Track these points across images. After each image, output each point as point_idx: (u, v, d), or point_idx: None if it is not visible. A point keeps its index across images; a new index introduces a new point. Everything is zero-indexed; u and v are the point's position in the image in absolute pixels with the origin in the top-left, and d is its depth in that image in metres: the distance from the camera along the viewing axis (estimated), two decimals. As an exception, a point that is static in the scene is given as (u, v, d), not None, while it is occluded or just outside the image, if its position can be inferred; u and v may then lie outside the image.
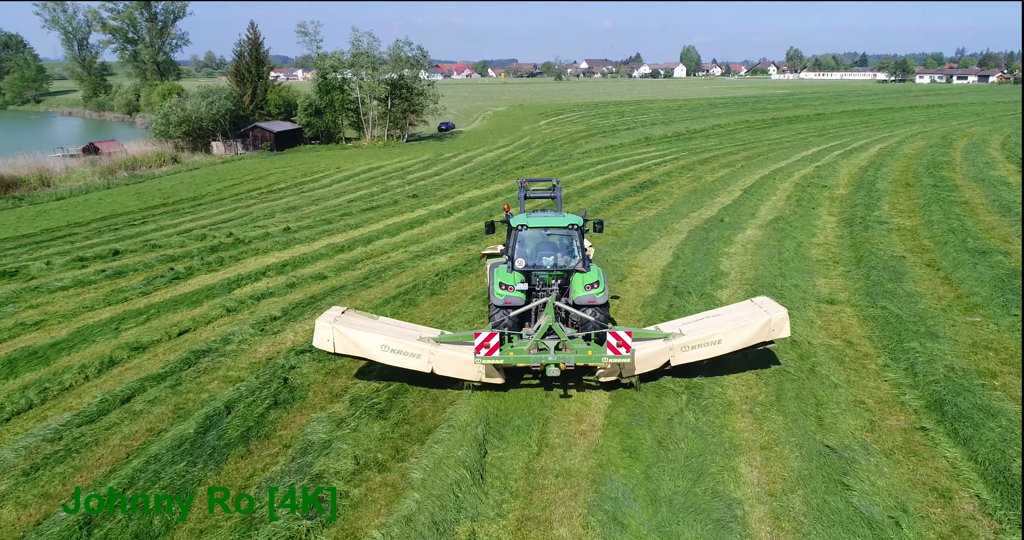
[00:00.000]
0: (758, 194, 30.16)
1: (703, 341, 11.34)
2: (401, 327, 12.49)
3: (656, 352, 11.40)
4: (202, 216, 41.30)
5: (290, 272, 21.62)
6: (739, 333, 11.32)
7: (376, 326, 12.00)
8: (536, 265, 12.51)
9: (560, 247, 12.72)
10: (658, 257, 19.83)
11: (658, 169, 43.11)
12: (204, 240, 27.72)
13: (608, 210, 30.10)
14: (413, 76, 79.70)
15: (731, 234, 22.48)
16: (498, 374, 11.46)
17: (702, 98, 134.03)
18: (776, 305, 11.86)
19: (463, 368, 11.39)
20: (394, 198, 39.79)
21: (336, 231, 28.85)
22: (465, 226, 28.84)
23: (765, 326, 11.31)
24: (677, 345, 11.38)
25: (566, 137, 79.48)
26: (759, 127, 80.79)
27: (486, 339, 10.73)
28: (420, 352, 11.35)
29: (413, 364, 11.36)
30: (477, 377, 11.46)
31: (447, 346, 11.58)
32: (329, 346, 11.38)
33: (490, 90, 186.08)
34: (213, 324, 16.15)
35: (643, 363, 11.39)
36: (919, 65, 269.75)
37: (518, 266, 12.36)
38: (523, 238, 12.66)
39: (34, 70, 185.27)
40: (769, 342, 11.58)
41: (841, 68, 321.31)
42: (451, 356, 11.36)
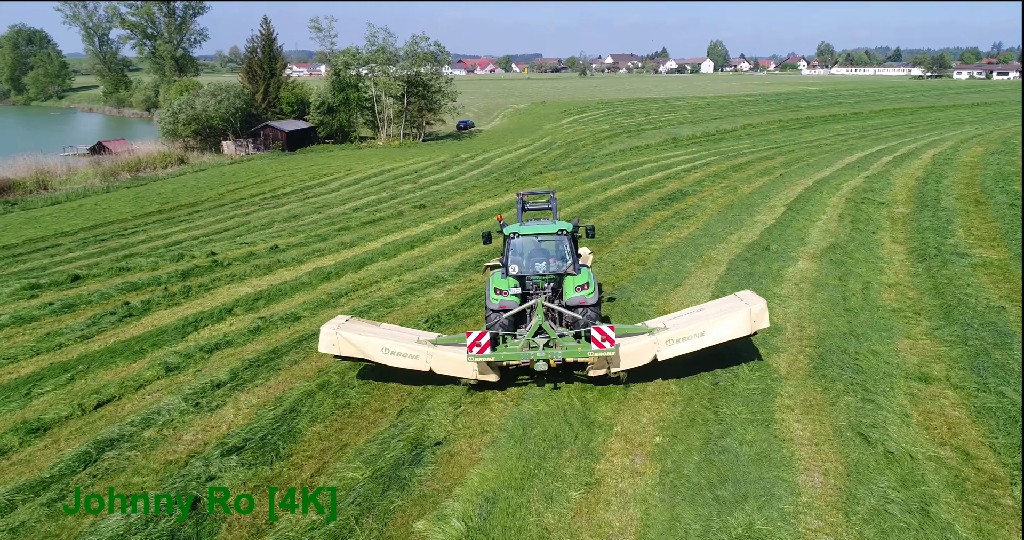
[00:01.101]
0: (805, 212, 26.54)
1: (687, 335, 11.55)
2: (401, 332, 13.10)
3: (642, 347, 11.67)
4: (196, 225, 38.57)
5: (261, 308, 18.56)
6: (721, 325, 11.52)
7: (377, 331, 12.64)
8: (529, 270, 13.06)
9: (551, 252, 13.22)
10: (696, 300, 16.42)
11: (688, 177, 39.52)
12: (180, 261, 24.79)
13: (634, 228, 26.69)
14: (430, 73, 76.52)
15: (780, 267, 18.97)
16: (492, 372, 11.97)
17: (731, 95, 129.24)
18: (756, 297, 12.15)
19: (459, 367, 11.91)
20: (399, 209, 36.68)
21: (328, 251, 25.78)
22: (471, 246, 25.62)
23: (746, 318, 11.49)
24: (662, 339, 11.62)
25: (589, 137, 75.85)
26: (793, 127, 76.50)
27: (477, 338, 11.23)
28: (418, 353, 11.97)
29: (412, 364, 12.00)
30: (472, 375, 11.95)
31: (444, 347, 12.10)
32: (335, 350, 12.07)
33: (512, 86, 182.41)
34: (144, 390, 13.09)
35: (629, 358, 11.72)
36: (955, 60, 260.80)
37: (512, 272, 12.94)
38: (516, 245, 13.19)
39: (57, 66, 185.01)
40: (752, 334, 11.68)
41: (874, 63, 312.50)
42: (447, 356, 11.92)
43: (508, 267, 12.99)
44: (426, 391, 12.51)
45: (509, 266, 13.00)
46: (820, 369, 12.19)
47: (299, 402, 11.95)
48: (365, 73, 78.04)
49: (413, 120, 79.35)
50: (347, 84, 75.42)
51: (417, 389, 12.63)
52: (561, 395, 11.86)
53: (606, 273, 20.01)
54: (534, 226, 13.30)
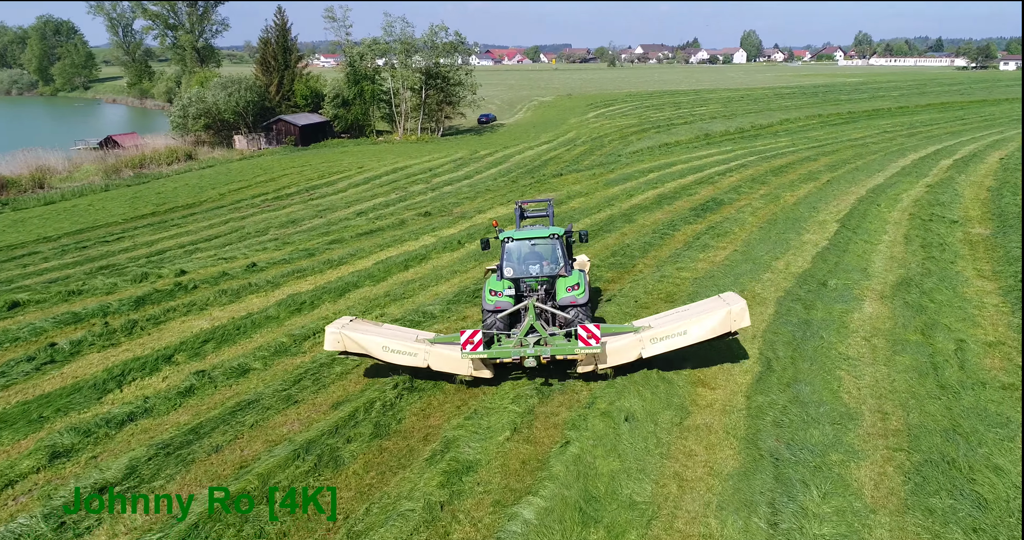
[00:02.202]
0: (862, 231, 22.76)
1: (670, 333, 11.91)
2: (401, 331, 13.68)
3: (627, 344, 12.10)
4: (188, 230, 35.76)
5: (209, 354, 15.44)
6: (703, 324, 11.83)
7: (379, 330, 13.32)
8: (523, 273, 13.59)
9: (544, 256, 13.69)
10: (738, 368, 12.90)
11: (723, 181, 35.72)
12: (142, 282, 21.82)
13: (662, 247, 23.14)
14: (449, 64, 73.01)
15: (843, 312, 15.33)
16: (486, 369, 12.47)
17: (766, 87, 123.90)
18: (737, 297, 12.29)
19: (454, 364, 12.39)
20: (403, 216, 33.45)
21: (310, 271, 22.63)
22: (473, 267, 22.30)
23: (726, 317, 11.74)
24: (646, 337, 12.04)
25: (615, 132, 71.90)
26: (834, 122, 71.79)
27: (470, 336, 11.69)
28: (416, 351, 12.48)
29: (411, 361, 12.50)
30: (467, 372, 12.41)
31: (440, 345, 12.61)
32: (340, 347, 12.67)
33: (539, 77, 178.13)
34: (7, 493, 9.98)
35: (616, 355, 12.15)
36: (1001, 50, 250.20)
37: (507, 274, 13.47)
38: (510, 249, 13.73)
39: (83, 56, 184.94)
40: (734, 333, 11.94)
41: (914, 53, 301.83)
42: (443, 354, 12.43)
43: (503, 270, 13.51)
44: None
45: (504, 269, 13.52)
46: (921, 496, 8.64)
47: (196, 531, 8.71)
48: (382, 64, 74.80)
49: (431, 114, 75.96)
50: (362, 76, 72.20)
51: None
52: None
53: (627, 312, 16.53)
54: (527, 231, 13.89)
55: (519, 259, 13.70)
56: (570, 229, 14.57)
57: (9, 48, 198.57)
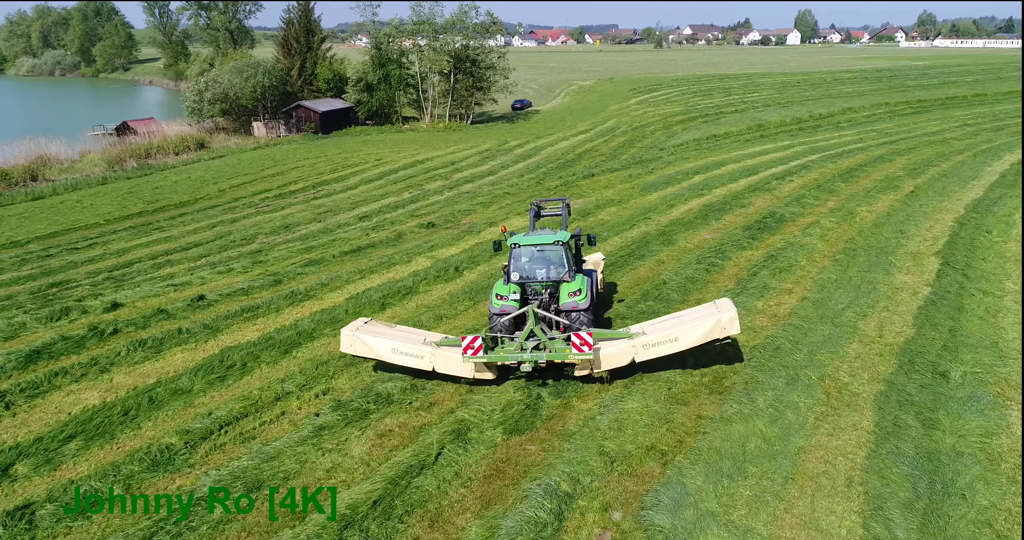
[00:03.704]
0: (976, 273, 17.37)
1: (662, 339, 12.34)
2: (412, 333, 14.16)
3: (621, 350, 12.52)
4: (169, 236, 31.78)
5: (66, 462, 11.10)
6: (694, 331, 12.20)
7: (390, 333, 13.80)
8: (529, 277, 14.15)
9: (550, 261, 14.21)
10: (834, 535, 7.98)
11: (782, 188, 30.25)
12: (58, 322, 17.69)
13: (707, 286, 18.09)
14: (480, 47, 67.90)
15: (984, 436, 10.11)
16: (488, 371, 12.91)
17: (824, 71, 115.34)
18: (730, 305, 12.54)
19: (457, 367, 12.85)
20: (404, 226, 28.88)
21: (265, 310, 18.22)
22: (467, 308, 17.63)
23: (716, 324, 12.04)
24: (639, 344, 12.45)
25: (659, 121, 66.01)
26: (904, 112, 64.66)
27: (470, 342, 12.45)
28: (423, 354, 13.07)
29: (418, 364, 13.10)
30: (469, 374, 12.88)
31: (445, 348, 13.09)
32: (352, 350, 13.30)
33: (581, 60, 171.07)
34: None
35: (610, 360, 12.56)
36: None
37: (513, 278, 14.04)
38: (517, 254, 14.28)
39: (124, 37, 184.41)
40: (725, 339, 12.20)
41: (982, 35, 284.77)
42: (448, 357, 12.93)
43: (510, 274, 14.07)
44: None
45: (511, 273, 14.08)
46: None
47: None
48: (410, 47, 70.09)
49: (461, 100, 71.11)
50: (388, 59, 67.58)
51: None
52: None
53: (656, 427, 11.65)
54: (534, 237, 14.39)
55: (526, 263, 14.25)
56: (579, 233, 15.52)
57: (53, 29, 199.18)
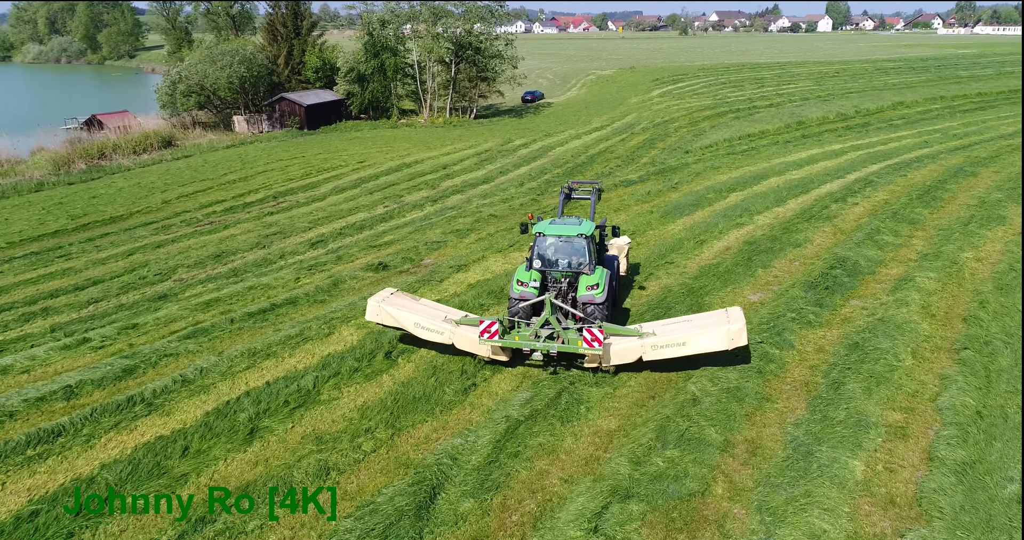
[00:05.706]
0: None
1: (671, 342, 12.75)
2: (435, 308, 14.86)
3: (629, 348, 13.02)
4: (69, 268, 25.40)
5: None
6: (702, 338, 12.58)
7: (414, 307, 14.53)
8: (550, 266, 14.64)
9: (573, 251, 14.62)
10: None
11: (845, 215, 23.23)
12: None
13: (761, 415, 11.32)
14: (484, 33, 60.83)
15: None
16: (503, 354, 13.64)
17: (864, 60, 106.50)
18: (740, 315, 12.83)
19: (474, 346, 13.63)
20: (349, 265, 22.26)
21: (72, 437, 11.74)
22: (382, 440, 10.99)
23: (725, 335, 12.36)
24: (648, 344, 12.89)
25: (684, 117, 58.60)
26: (965, 108, 56.70)
27: (487, 326, 13.02)
28: (444, 330, 13.88)
29: (438, 338, 13.93)
30: (486, 354, 13.68)
31: (465, 327, 13.82)
32: (378, 319, 14.29)
33: (602, 48, 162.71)
34: None
35: (618, 356, 13.09)
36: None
37: (535, 266, 14.55)
38: (540, 243, 14.75)
39: (130, 24, 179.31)
40: (731, 349, 12.39)
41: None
42: (466, 336, 13.70)
43: (533, 262, 14.59)
44: None
45: (533, 260, 14.60)
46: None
47: None
48: (407, 33, 63.18)
49: (464, 92, 64.17)
50: (383, 47, 60.73)
51: None
52: None
53: None
54: (559, 227, 14.77)
55: (548, 252, 14.65)
56: (604, 223, 16.53)
57: (59, 15, 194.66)
